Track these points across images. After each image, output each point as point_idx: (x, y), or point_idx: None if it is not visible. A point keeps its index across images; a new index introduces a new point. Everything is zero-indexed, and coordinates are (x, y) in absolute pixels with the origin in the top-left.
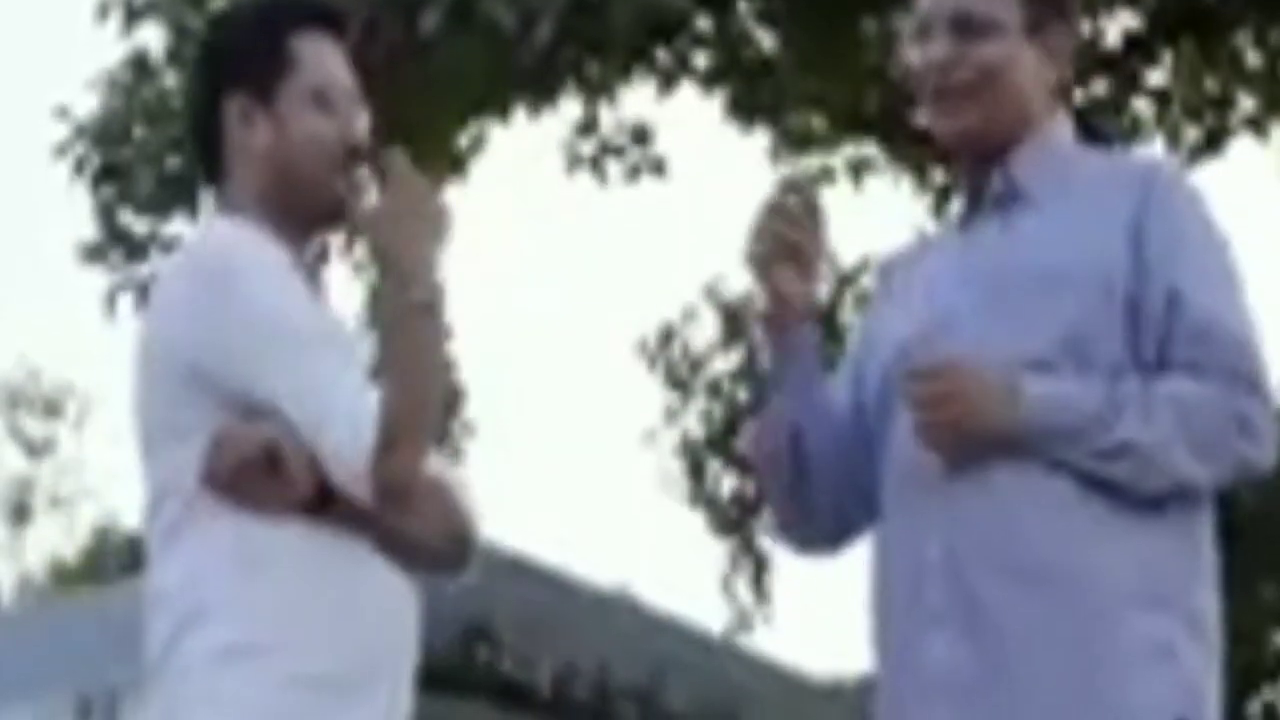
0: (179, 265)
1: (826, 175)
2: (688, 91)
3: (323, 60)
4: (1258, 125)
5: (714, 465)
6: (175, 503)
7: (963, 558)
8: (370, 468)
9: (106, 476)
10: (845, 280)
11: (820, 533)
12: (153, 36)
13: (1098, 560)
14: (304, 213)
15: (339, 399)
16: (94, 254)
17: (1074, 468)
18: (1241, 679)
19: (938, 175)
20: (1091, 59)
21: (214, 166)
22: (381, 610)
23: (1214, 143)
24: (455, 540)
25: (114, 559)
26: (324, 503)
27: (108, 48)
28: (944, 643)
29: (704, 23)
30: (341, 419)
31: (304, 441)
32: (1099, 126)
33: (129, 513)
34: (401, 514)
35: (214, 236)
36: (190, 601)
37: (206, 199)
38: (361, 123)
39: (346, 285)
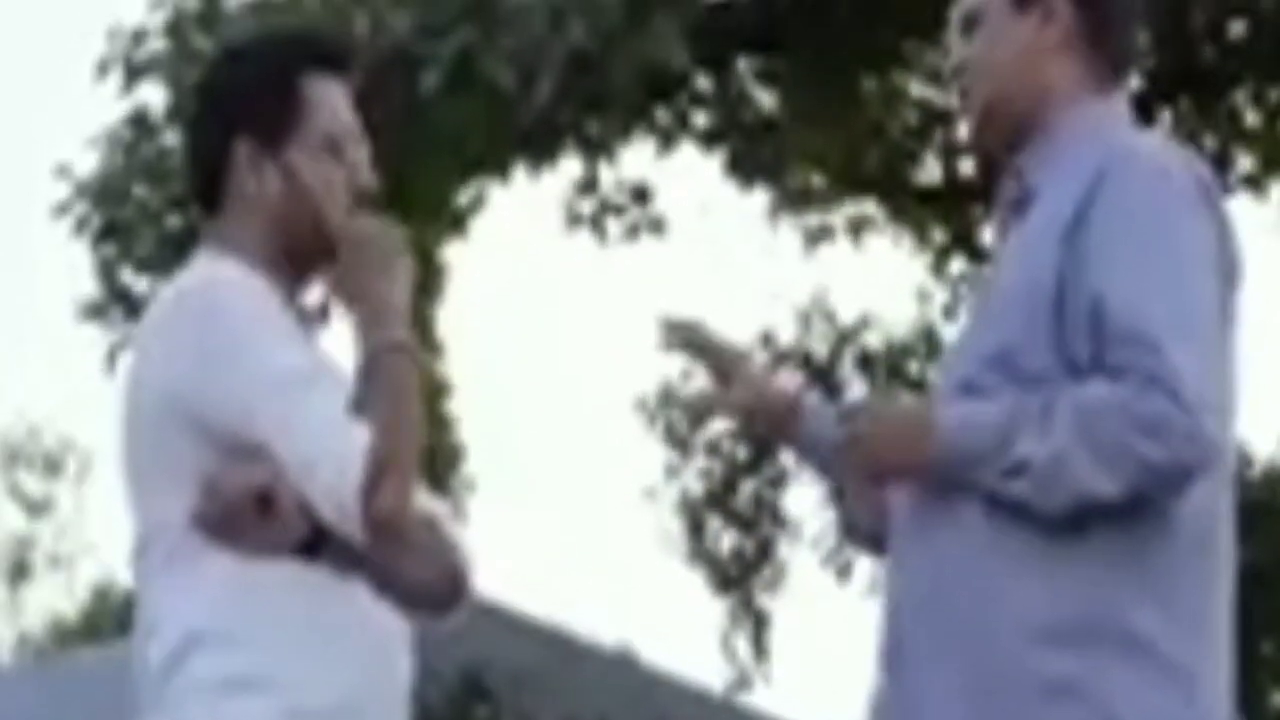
0: (166, 305)
1: (826, 233)
2: (687, 150)
3: (332, 105)
4: (1256, 183)
5: (713, 523)
6: (166, 540)
7: (901, 600)
8: (360, 507)
9: (106, 534)
10: (844, 338)
11: None
12: (153, 95)
13: (1006, 597)
14: (306, 258)
15: (328, 439)
16: (94, 312)
17: (987, 492)
18: None
19: (938, 233)
20: None
21: (210, 199)
22: (376, 647)
23: None
24: (449, 577)
25: (113, 618)
26: (317, 543)
27: (108, 106)
28: (884, 684)
29: (703, 82)
30: (331, 459)
31: (294, 481)
32: None
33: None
34: (394, 551)
35: (202, 276)
36: (185, 631)
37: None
38: (367, 165)
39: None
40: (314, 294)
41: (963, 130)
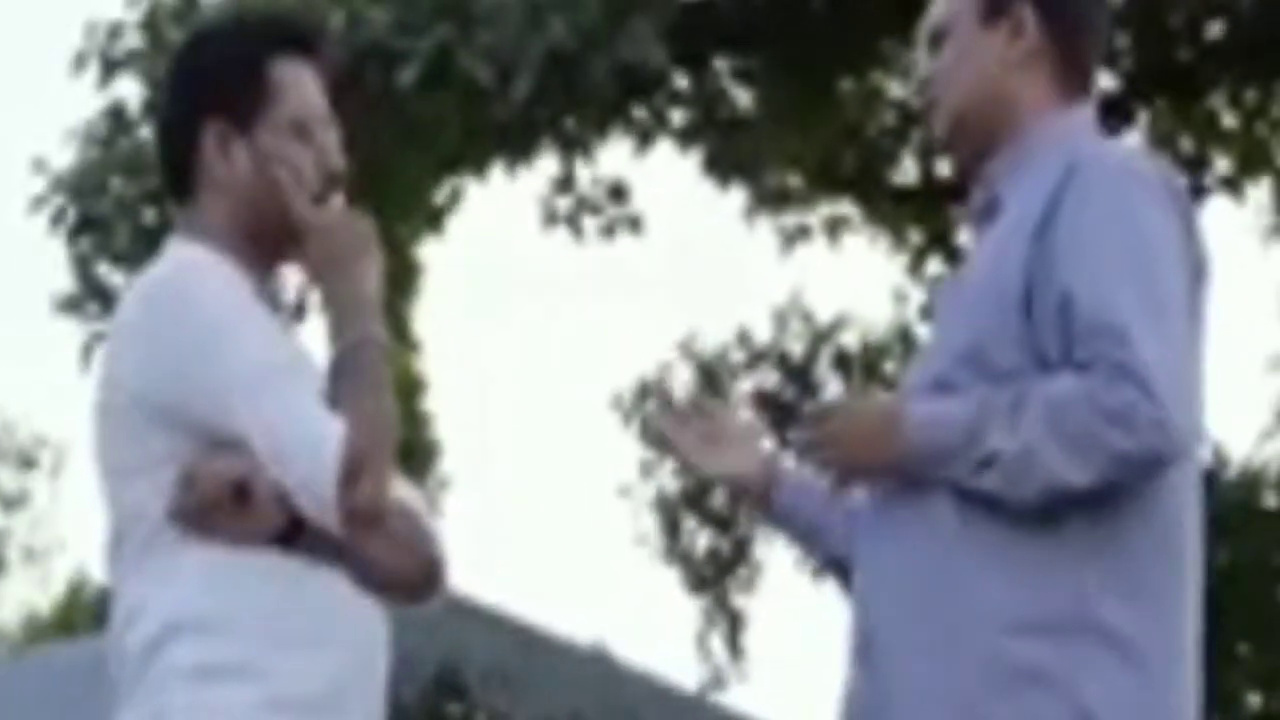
0: (139, 296)
1: (803, 233)
2: (665, 148)
3: (301, 88)
4: (1233, 185)
5: (689, 522)
6: (143, 531)
7: (870, 591)
8: (336, 497)
9: (81, 529)
10: (821, 337)
11: None
12: (130, 89)
13: (978, 590)
14: (276, 242)
15: (304, 429)
16: (70, 306)
17: (958, 487)
18: None
19: (914, 234)
20: None
21: (181, 186)
22: (356, 636)
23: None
24: (424, 566)
25: (88, 612)
26: (294, 533)
27: (85, 100)
28: (853, 677)
29: (681, 80)
30: (308, 449)
31: (271, 472)
32: None
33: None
34: (371, 541)
35: (174, 265)
36: (164, 620)
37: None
38: (336, 148)
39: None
40: (289, 284)
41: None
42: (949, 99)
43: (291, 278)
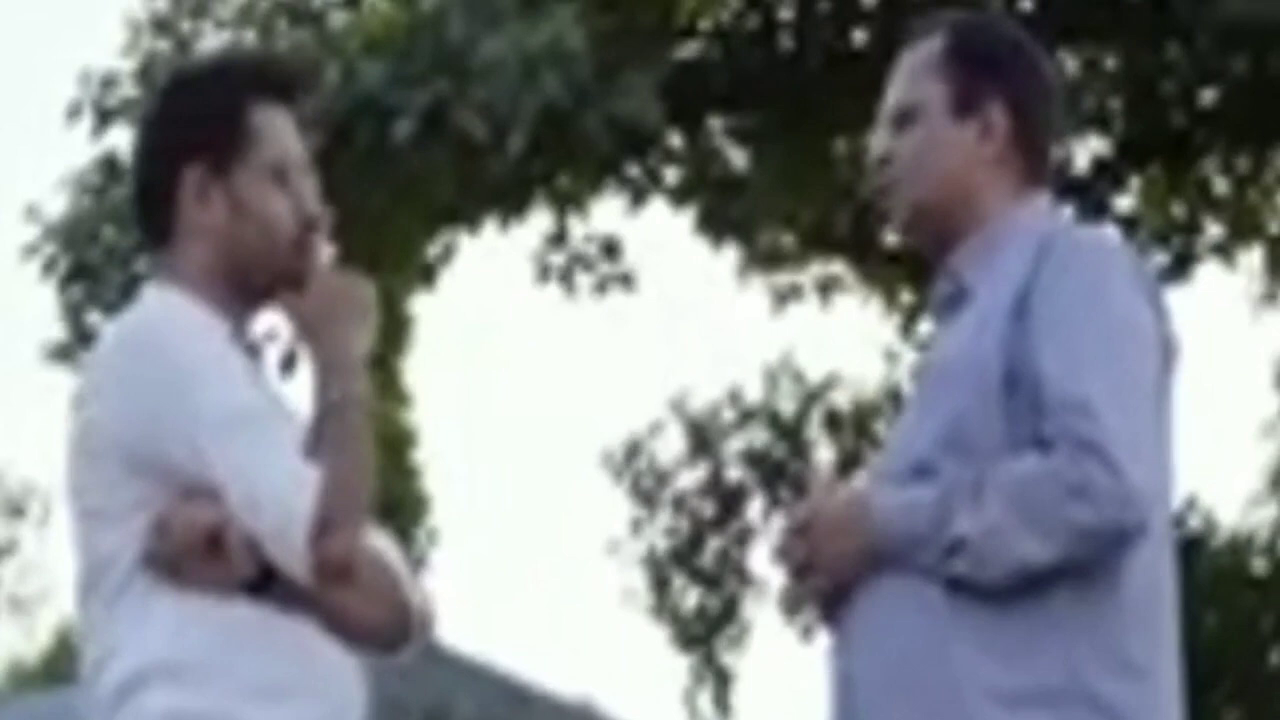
0: (114, 341)
1: (795, 292)
2: (658, 206)
3: (280, 133)
4: (1225, 251)
5: (678, 580)
6: (114, 576)
7: (852, 671)
8: (308, 548)
9: (68, 579)
10: (812, 397)
11: None
12: (123, 138)
13: (965, 660)
14: (254, 287)
15: (275, 478)
16: (60, 354)
17: (930, 572)
18: None
19: (906, 295)
20: (1060, 184)
21: (158, 230)
22: (328, 686)
23: (1181, 267)
24: (397, 615)
25: (73, 662)
26: (266, 582)
27: (78, 149)
28: None
29: (675, 138)
30: (279, 499)
31: (241, 519)
32: None
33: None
34: (342, 592)
35: (149, 311)
36: (134, 666)
37: None
38: (314, 194)
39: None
40: (270, 330)
41: (887, 219)
42: (913, 190)
43: (285, 330)
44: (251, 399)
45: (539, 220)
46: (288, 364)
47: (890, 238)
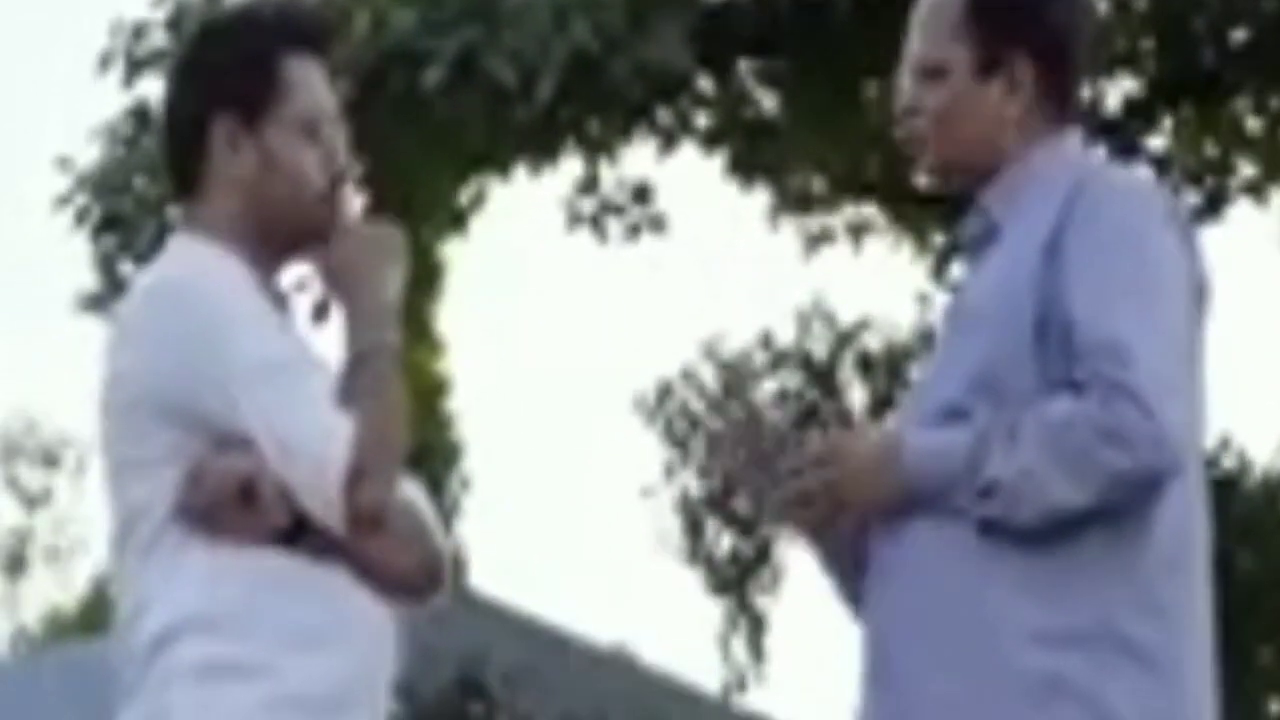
0: (144, 293)
1: (826, 236)
2: (689, 150)
3: (310, 86)
4: (1257, 190)
5: (712, 524)
6: (148, 527)
7: (883, 615)
8: (341, 497)
9: (103, 528)
10: (845, 339)
11: None
12: (154, 88)
13: (996, 601)
14: (282, 239)
15: (308, 428)
16: (94, 304)
17: (963, 515)
18: None
19: (938, 238)
20: (1091, 124)
21: (187, 181)
22: (361, 636)
23: (1213, 207)
24: (426, 564)
25: (110, 611)
26: (299, 532)
27: (110, 99)
28: (866, 699)
29: (705, 83)
30: (311, 449)
31: (274, 469)
32: None
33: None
34: (374, 542)
35: (179, 261)
36: (169, 617)
37: None
38: (344, 148)
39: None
40: (301, 279)
41: (916, 164)
42: (940, 148)
43: (315, 280)
44: (283, 349)
45: (570, 166)
46: (320, 313)
47: (921, 180)
